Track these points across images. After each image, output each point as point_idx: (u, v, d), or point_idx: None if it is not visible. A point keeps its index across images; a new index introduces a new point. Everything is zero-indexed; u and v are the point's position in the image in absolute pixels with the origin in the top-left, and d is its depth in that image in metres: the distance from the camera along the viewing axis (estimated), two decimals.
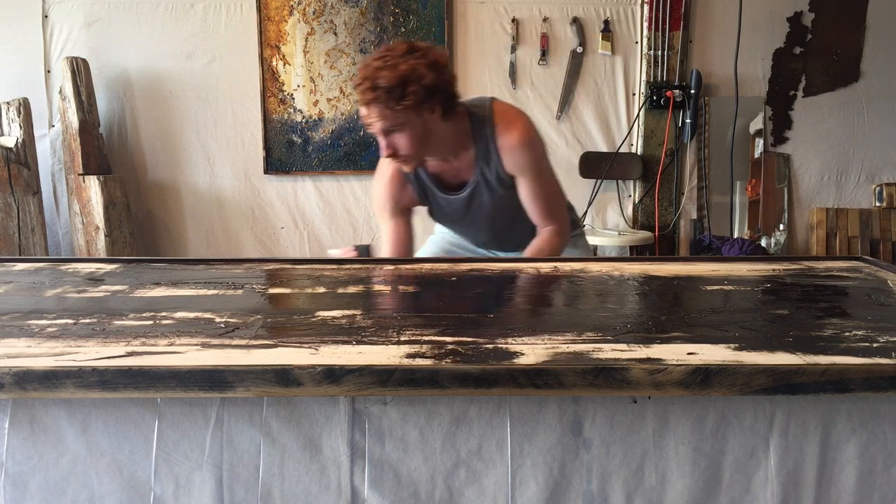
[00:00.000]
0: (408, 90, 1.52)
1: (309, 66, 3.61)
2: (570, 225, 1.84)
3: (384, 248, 1.82)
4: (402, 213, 1.82)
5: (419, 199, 1.81)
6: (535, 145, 1.71)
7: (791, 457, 0.86)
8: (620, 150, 3.70)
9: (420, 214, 1.88)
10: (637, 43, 3.63)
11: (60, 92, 3.41)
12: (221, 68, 3.56)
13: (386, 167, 1.78)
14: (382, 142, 1.60)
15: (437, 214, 1.86)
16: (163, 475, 0.86)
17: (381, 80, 1.51)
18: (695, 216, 3.78)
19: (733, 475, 0.87)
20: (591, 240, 3.51)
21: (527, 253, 1.75)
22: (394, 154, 1.62)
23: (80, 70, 3.38)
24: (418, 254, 1.97)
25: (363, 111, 1.59)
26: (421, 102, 1.55)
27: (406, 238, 1.82)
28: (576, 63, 3.63)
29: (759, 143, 3.75)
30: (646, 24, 3.58)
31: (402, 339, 0.93)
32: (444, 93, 1.60)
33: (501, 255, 1.95)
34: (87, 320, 1.02)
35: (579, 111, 3.68)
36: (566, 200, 1.88)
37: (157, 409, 0.86)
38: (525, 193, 1.73)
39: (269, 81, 3.62)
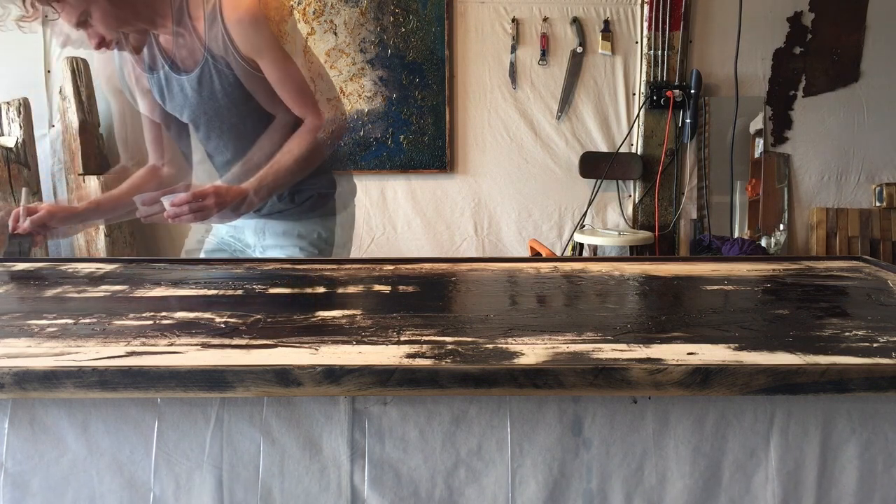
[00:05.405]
0: None
1: (309, 66, 3.60)
2: (323, 126, 1.68)
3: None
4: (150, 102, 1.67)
5: (158, 93, 1.64)
6: (269, 25, 1.49)
7: (791, 457, 0.86)
8: (620, 150, 3.70)
9: None
10: (637, 43, 3.63)
11: (60, 92, 3.41)
12: None
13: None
14: (86, 36, 1.42)
15: (172, 105, 1.65)
16: (163, 475, 0.86)
17: None
18: (695, 216, 3.78)
19: (733, 475, 0.87)
20: (592, 240, 3.51)
21: (278, 155, 1.59)
22: (102, 43, 1.42)
23: (80, 70, 3.38)
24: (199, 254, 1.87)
25: (61, 16, 1.38)
26: None
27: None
28: (576, 63, 3.63)
29: (759, 143, 3.75)
30: (646, 24, 3.58)
31: (402, 339, 0.93)
32: None
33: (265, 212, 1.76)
34: (87, 320, 1.02)
35: (579, 111, 3.68)
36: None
37: (157, 409, 0.86)
38: (271, 80, 1.56)
39: None
